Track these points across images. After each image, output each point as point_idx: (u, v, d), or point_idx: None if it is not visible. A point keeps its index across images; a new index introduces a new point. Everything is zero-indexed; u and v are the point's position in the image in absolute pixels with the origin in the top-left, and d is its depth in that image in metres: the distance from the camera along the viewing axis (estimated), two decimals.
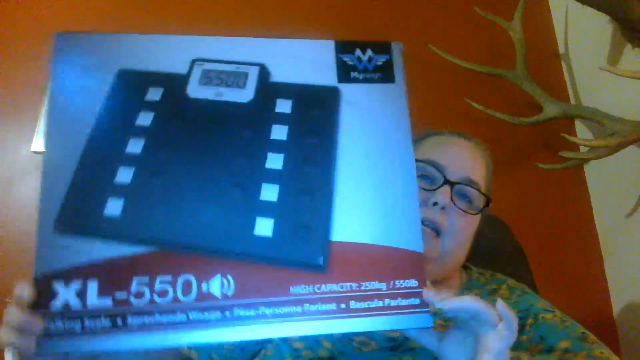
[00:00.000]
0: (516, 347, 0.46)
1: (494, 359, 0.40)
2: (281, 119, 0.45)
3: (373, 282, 0.40)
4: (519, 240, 0.98)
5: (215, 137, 0.44)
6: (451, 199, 0.64)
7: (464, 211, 0.65)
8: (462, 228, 0.66)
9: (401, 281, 0.40)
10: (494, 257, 0.93)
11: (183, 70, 0.45)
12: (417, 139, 0.74)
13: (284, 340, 0.61)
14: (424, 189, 0.64)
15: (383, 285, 0.40)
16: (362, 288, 0.39)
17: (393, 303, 0.39)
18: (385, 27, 1.58)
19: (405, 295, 0.40)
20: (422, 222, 0.58)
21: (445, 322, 0.56)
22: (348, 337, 0.61)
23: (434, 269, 0.66)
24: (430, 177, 0.66)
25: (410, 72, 1.75)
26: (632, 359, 1.20)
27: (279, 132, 0.44)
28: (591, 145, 1.14)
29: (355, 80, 0.48)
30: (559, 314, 0.65)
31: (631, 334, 1.21)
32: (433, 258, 0.65)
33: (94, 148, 0.42)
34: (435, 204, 0.63)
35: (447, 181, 0.64)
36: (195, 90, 0.45)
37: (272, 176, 0.42)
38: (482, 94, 1.41)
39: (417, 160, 0.60)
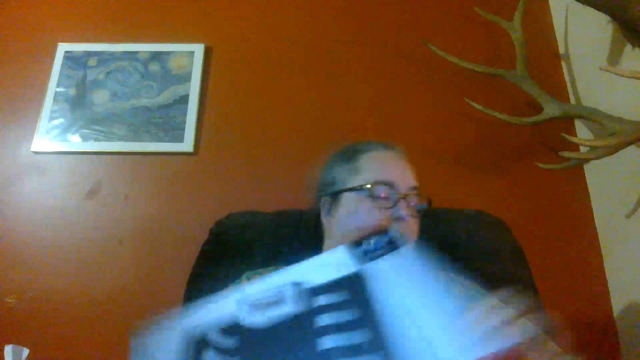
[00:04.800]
0: None
1: None
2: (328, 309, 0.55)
3: None
4: (519, 240, 0.98)
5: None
6: (405, 208, 0.72)
7: (413, 215, 0.74)
8: (414, 230, 0.74)
9: None
10: (494, 257, 0.93)
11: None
12: (352, 155, 0.81)
13: None
14: (387, 208, 0.72)
15: None
16: None
17: None
18: (385, 27, 1.58)
19: None
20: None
21: None
22: None
23: None
24: (387, 196, 0.74)
25: (411, 72, 1.75)
26: (632, 359, 1.20)
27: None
28: (591, 145, 1.14)
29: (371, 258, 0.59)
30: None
31: (631, 334, 1.21)
32: None
33: None
34: (398, 218, 0.71)
35: (400, 195, 0.73)
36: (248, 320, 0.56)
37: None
38: (482, 94, 1.41)
39: (375, 184, 0.73)
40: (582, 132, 1.41)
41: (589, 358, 0.64)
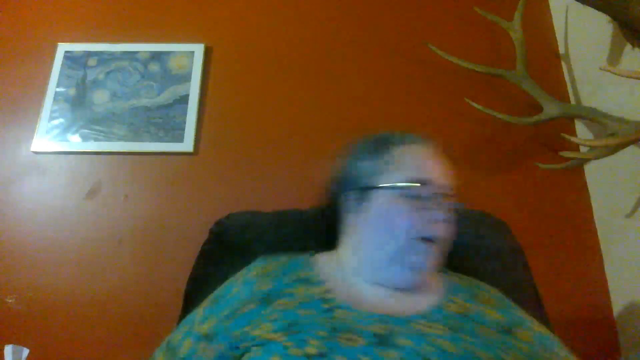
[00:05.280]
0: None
1: None
2: None
3: None
4: (519, 240, 0.98)
5: None
6: (442, 209, 0.68)
7: (450, 217, 0.70)
8: (451, 232, 0.70)
9: None
10: (494, 257, 0.93)
11: None
12: (382, 147, 0.73)
13: (273, 339, 0.63)
14: (423, 209, 0.67)
15: None
16: None
17: None
18: (385, 27, 1.58)
19: None
20: (430, 239, 0.65)
21: None
22: (334, 335, 0.61)
23: (430, 276, 0.71)
24: (423, 196, 0.68)
25: (410, 72, 1.75)
26: (632, 359, 1.20)
27: None
28: (591, 145, 1.14)
29: None
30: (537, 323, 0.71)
31: (631, 334, 1.21)
32: (437, 266, 0.69)
33: None
34: (435, 220, 0.67)
35: (436, 195, 0.68)
36: None
37: None
38: (482, 94, 1.41)
39: (411, 182, 0.67)
40: (582, 132, 1.41)
41: (589, 358, 0.65)
